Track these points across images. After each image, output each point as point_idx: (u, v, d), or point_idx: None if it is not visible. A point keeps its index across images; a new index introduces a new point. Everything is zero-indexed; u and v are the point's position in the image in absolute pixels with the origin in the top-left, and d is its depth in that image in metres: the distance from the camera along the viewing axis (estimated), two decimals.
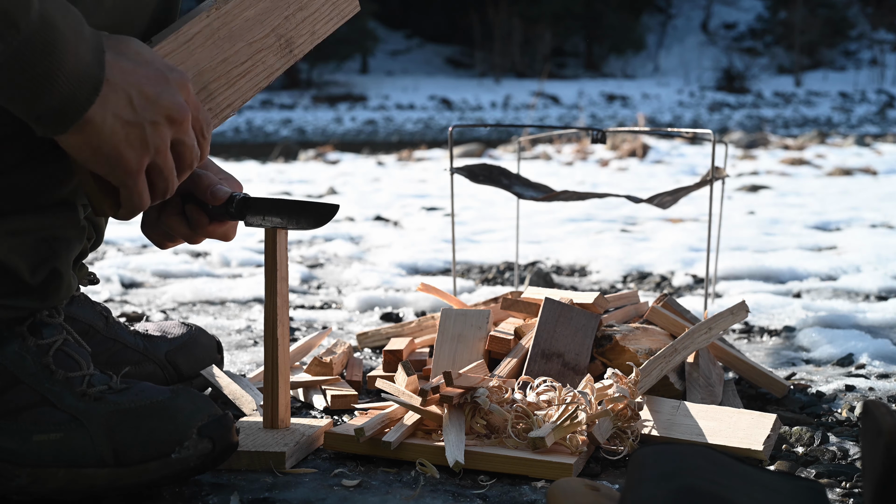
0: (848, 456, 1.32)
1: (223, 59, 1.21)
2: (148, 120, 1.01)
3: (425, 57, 41.46)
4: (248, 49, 1.25)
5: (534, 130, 10.87)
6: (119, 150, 1.00)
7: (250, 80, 1.26)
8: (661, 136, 9.59)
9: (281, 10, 1.29)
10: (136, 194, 1.05)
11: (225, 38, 1.21)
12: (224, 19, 1.21)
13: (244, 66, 1.24)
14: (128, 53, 1.02)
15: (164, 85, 1.03)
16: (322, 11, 1.35)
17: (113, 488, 1.11)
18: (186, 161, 1.09)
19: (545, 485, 1.20)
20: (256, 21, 1.25)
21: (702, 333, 1.52)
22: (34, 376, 1.13)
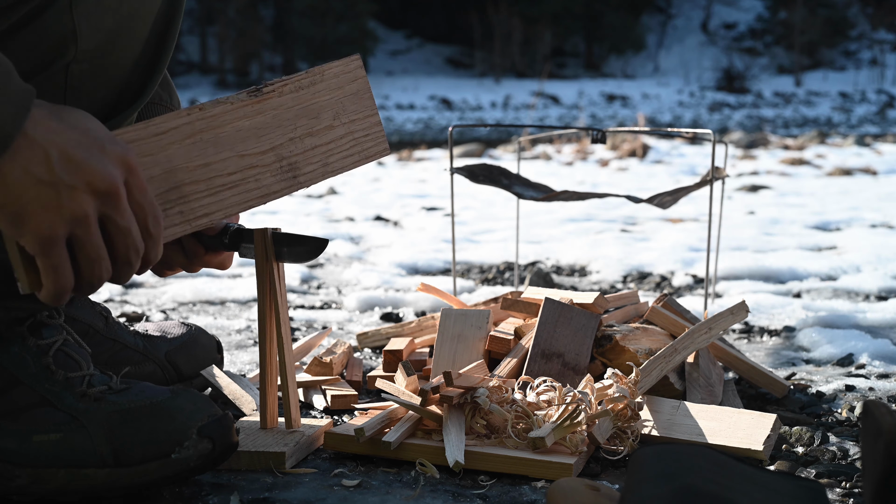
0: (848, 456, 1.32)
1: (204, 162, 1.14)
2: (65, 183, 0.92)
3: (425, 57, 41.45)
4: (238, 161, 1.17)
5: (534, 130, 10.88)
6: (28, 209, 0.92)
7: (239, 195, 1.18)
8: (661, 136, 9.59)
9: (285, 129, 1.22)
10: (53, 268, 0.95)
11: (209, 141, 1.15)
12: (209, 122, 1.15)
13: (231, 177, 1.17)
14: (64, 117, 0.95)
15: (95, 152, 0.95)
16: (339, 144, 1.28)
17: (113, 488, 1.11)
18: (119, 249, 0.99)
19: (545, 485, 1.20)
20: (251, 134, 1.19)
21: (702, 333, 1.52)
22: (34, 377, 1.13)
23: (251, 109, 1.19)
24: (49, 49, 1.05)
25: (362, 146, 1.30)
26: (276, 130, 1.21)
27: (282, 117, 1.22)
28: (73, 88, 1.08)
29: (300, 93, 1.24)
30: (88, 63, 1.08)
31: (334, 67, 1.30)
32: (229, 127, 1.17)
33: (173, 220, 1.12)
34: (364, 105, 1.31)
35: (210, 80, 35.78)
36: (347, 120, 1.29)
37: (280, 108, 1.22)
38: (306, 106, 1.25)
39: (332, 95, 1.28)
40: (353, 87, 1.31)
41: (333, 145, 1.27)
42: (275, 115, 1.21)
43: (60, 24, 1.04)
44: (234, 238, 1.30)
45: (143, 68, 1.16)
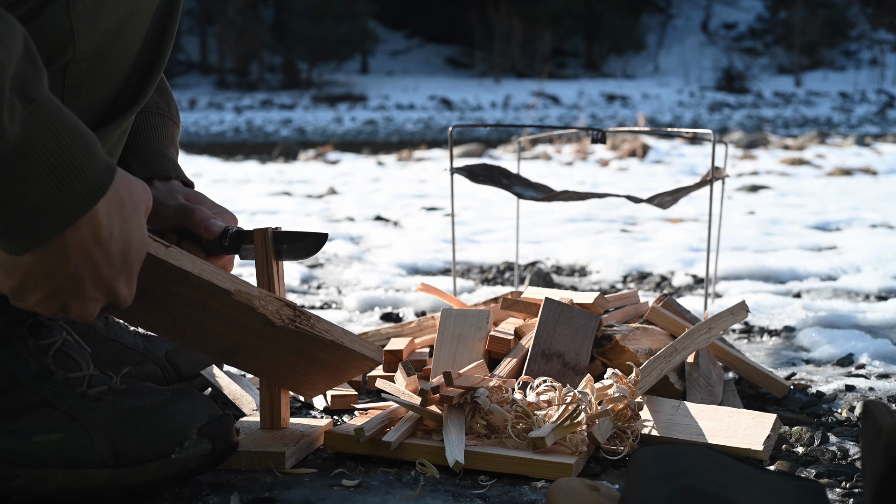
0: (848, 456, 1.32)
1: (187, 314, 1.17)
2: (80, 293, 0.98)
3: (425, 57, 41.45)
4: (208, 324, 1.19)
5: (534, 130, 10.88)
6: (81, 287, 0.97)
7: (176, 330, 1.21)
8: (661, 136, 9.59)
9: (270, 349, 1.23)
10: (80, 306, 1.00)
11: (211, 310, 1.16)
12: (227, 306, 1.15)
13: (188, 321, 1.19)
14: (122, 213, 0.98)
15: (119, 275, 1.00)
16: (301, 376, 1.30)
17: (113, 489, 1.11)
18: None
19: (545, 485, 1.20)
20: (244, 328, 1.20)
21: (702, 333, 1.52)
22: (34, 377, 1.13)
23: (263, 324, 1.19)
24: (47, 49, 1.05)
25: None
26: (263, 341, 1.22)
27: (279, 341, 1.23)
28: (71, 88, 1.08)
29: (314, 342, 1.25)
30: (87, 63, 1.08)
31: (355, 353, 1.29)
32: (238, 316, 1.18)
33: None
34: (339, 378, 1.34)
35: (210, 80, 35.79)
36: (316, 370, 1.32)
37: (286, 338, 1.23)
38: (307, 350, 1.26)
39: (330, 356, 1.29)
40: (351, 369, 1.33)
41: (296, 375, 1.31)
42: (274, 337, 1.22)
43: (58, 24, 1.04)
44: (234, 240, 1.31)
45: (142, 68, 1.16)
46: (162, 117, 1.42)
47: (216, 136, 20.14)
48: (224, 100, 30.67)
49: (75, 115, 1.10)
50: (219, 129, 22.40)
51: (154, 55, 1.17)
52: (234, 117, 25.56)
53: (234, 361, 1.29)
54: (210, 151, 11.33)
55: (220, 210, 1.37)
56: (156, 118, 1.41)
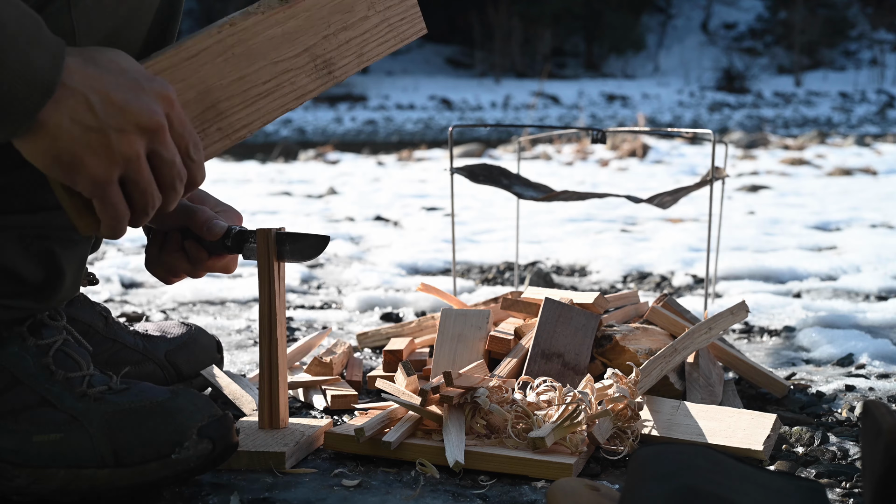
0: (848, 456, 1.32)
1: (239, 76, 1.12)
2: (113, 127, 0.95)
3: (425, 57, 41.46)
4: (272, 68, 1.15)
5: (534, 130, 10.88)
6: (80, 157, 0.95)
7: (275, 101, 1.16)
8: (661, 136, 9.59)
9: (318, 29, 1.18)
10: (111, 207, 0.99)
11: (241, 55, 1.12)
12: (240, 36, 1.12)
13: (266, 85, 1.14)
14: (99, 61, 0.97)
15: (136, 92, 0.97)
16: (374, 33, 1.23)
17: (113, 489, 1.11)
18: (165, 179, 1.02)
19: (545, 485, 1.20)
20: (284, 40, 1.15)
21: (702, 333, 1.52)
22: (34, 377, 1.13)
23: (283, 16, 1.15)
24: None
25: (398, 30, 1.26)
26: (309, 31, 1.17)
27: (314, 17, 1.18)
28: None
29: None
30: None
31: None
32: (261, 37, 1.14)
33: (213, 137, 1.12)
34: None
35: None
36: (383, 7, 1.25)
37: (312, 7, 1.18)
38: (340, 1, 1.20)
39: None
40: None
41: (368, 35, 1.23)
42: (307, 16, 1.17)
43: (59, 25, 1.04)
44: (237, 240, 1.31)
45: None
46: None
47: None
48: None
49: None
50: None
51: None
52: None
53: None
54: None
55: (224, 208, 1.38)
56: None
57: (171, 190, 1.03)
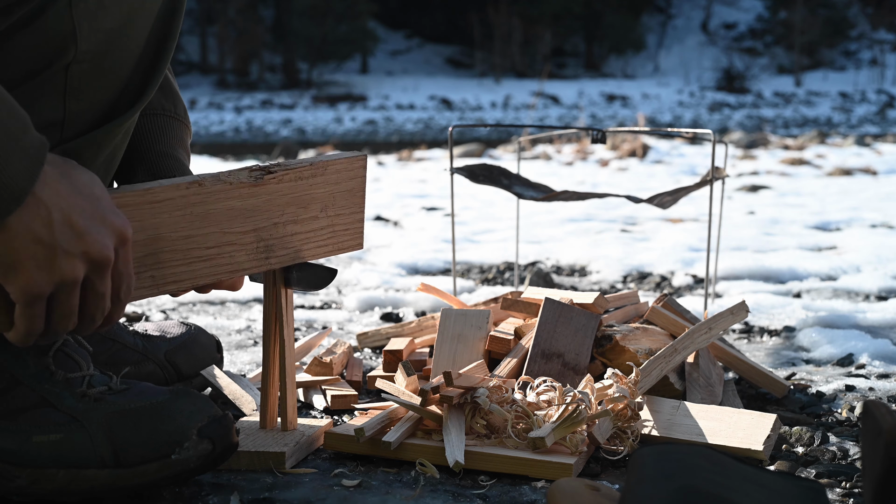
0: (848, 456, 1.32)
1: (188, 235, 1.14)
2: (63, 248, 0.96)
3: (425, 57, 41.46)
4: (219, 236, 1.18)
5: (534, 130, 10.88)
6: (22, 265, 0.95)
7: (210, 268, 1.18)
8: (661, 136, 9.59)
9: (272, 214, 1.22)
10: (29, 318, 0.98)
11: (198, 215, 1.15)
12: (205, 198, 1.15)
13: (208, 250, 1.17)
14: (73, 179, 0.98)
15: (97, 222, 0.98)
16: (318, 234, 1.28)
17: (113, 489, 1.10)
18: (89, 309, 1.02)
19: (545, 485, 1.20)
20: (239, 214, 1.19)
21: (702, 333, 1.52)
22: (34, 377, 1.13)
23: (247, 192, 1.19)
24: (49, 50, 1.05)
25: (339, 239, 1.31)
26: (264, 214, 1.22)
27: (273, 203, 1.22)
28: (72, 89, 1.08)
29: (298, 182, 1.25)
30: (88, 64, 1.08)
31: (338, 164, 1.29)
32: (221, 205, 1.17)
33: (144, 283, 1.13)
34: (354, 202, 1.32)
35: (210, 80, 35.79)
36: (333, 213, 1.30)
37: (275, 194, 1.22)
38: (299, 195, 1.25)
39: (327, 189, 1.28)
40: (350, 184, 1.31)
41: (312, 234, 1.28)
42: (268, 199, 1.22)
43: (60, 25, 1.04)
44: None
45: (144, 69, 1.16)
46: (168, 118, 1.42)
47: (216, 136, 20.15)
48: (224, 100, 30.69)
49: (77, 115, 1.10)
50: (219, 129, 22.41)
51: (156, 56, 1.17)
52: (234, 117, 25.57)
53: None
54: (210, 151, 11.33)
55: None
56: (161, 119, 1.42)
57: (90, 321, 1.03)
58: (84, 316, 1.03)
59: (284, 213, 1.24)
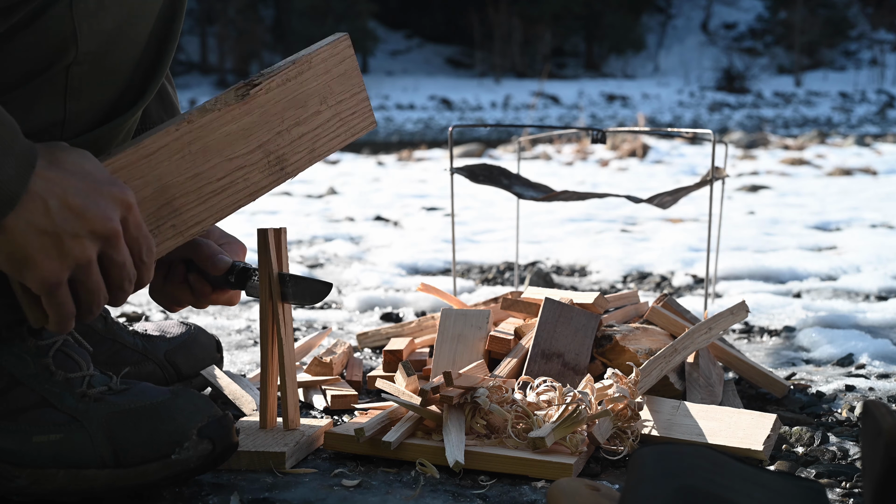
0: (848, 456, 1.32)
1: (194, 174, 1.13)
2: (68, 232, 0.97)
3: (425, 57, 41.47)
4: (226, 164, 1.16)
5: (534, 130, 10.88)
6: (32, 257, 0.96)
7: (228, 198, 1.17)
8: (661, 136, 9.59)
9: (272, 125, 1.19)
10: (57, 306, 1.00)
11: (198, 152, 1.14)
12: (197, 133, 1.14)
13: (220, 182, 1.16)
14: (63, 162, 0.98)
15: (95, 197, 0.99)
16: (326, 127, 1.25)
17: (113, 489, 1.11)
18: (115, 280, 1.03)
19: (545, 485, 1.20)
20: (239, 136, 1.17)
21: (702, 333, 1.52)
22: (34, 377, 1.13)
23: (239, 111, 1.17)
24: (49, 50, 1.05)
25: (349, 125, 1.27)
26: (264, 127, 1.19)
27: (269, 113, 1.20)
28: (73, 90, 1.08)
29: (288, 85, 1.21)
30: (89, 65, 1.08)
31: (322, 52, 1.24)
32: (217, 134, 1.16)
33: (166, 234, 1.13)
34: (352, 84, 1.27)
35: (210, 80, 35.79)
36: (335, 102, 1.26)
37: (267, 104, 1.19)
38: (294, 97, 1.22)
39: (319, 81, 1.24)
40: (341, 67, 1.26)
41: (321, 129, 1.24)
42: (262, 112, 1.19)
43: (61, 26, 1.04)
44: (241, 277, 1.32)
45: (145, 70, 1.16)
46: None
47: None
48: None
49: (78, 115, 1.10)
50: None
51: (157, 57, 1.17)
52: None
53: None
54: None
55: (229, 240, 1.39)
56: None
57: (120, 290, 1.05)
58: (113, 287, 1.04)
59: (285, 120, 1.21)
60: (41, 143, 1.00)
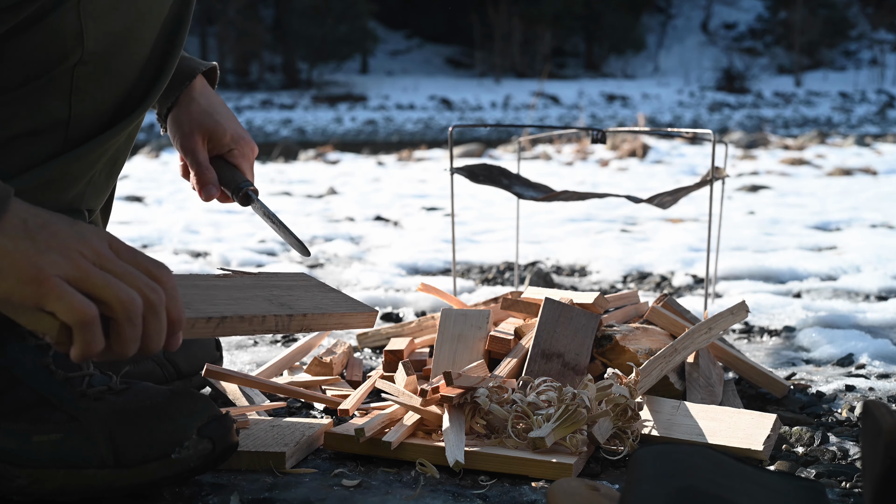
0: (848, 456, 1.32)
1: (193, 284, 1.23)
2: (43, 239, 0.91)
3: (425, 57, 41.46)
4: (228, 294, 1.24)
5: (534, 130, 10.87)
6: (21, 261, 0.89)
7: (234, 306, 1.20)
8: (661, 136, 9.59)
9: (264, 295, 1.28)
10: (58, 300, 0.90)
11: (189, 286, 1.21)
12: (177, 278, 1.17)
13: (227, 301, 1.21)
14: (41, 211, 0.93)
15: (76, 226, 0.94)
16: (322, 302, 1.33)
17: (113, 489, 1.10)
18: (131, 286, 0.94)
19: (545, 485, 1.20)
20: (230, 287, 1.27)
21: (702, 333, 1.52)
22: (34, 376, 1.13)
23: (218, 279, 1.28)
24: (55, 50, 1.05)
25: (346, 305, 1.34)
26: (254, 289, 1.28)
27: (250, 286, 1.29)
28: (78, 90, 1.08)
29: (258, 279, 1.33)
30: (95, 65, 1.08)
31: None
32: (204, 283, 1.25)
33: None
34: (330, 290, 1.40)
35: None
36: (320, 292, 1.36)
37: (247, 282, 1.31)
38: (273, 284, 1.33)
39: (294, 282, 1.38)
40: (312, 283, 1.40)
41: (317, 300, 1.33)
42: (244, 284, 1.30)
43: (67, 25, 1.04)
44: (244, 200, 1.45)
45: (150, 74, 1.16)
46: None
47: None
48: (224, 100, 30.59)
49: (82, 116, 1.10)
50: None
51: (163, 61, 1.17)
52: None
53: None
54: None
55: (239, 139, 1.47)
56: None
57: (149, 305, 0.95)
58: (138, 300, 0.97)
59: (272, 294, 1.30)
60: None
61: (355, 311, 1.33)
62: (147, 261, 0.98)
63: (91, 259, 0.93)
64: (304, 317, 1.25)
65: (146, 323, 0.96)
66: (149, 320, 0.96)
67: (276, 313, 1.22)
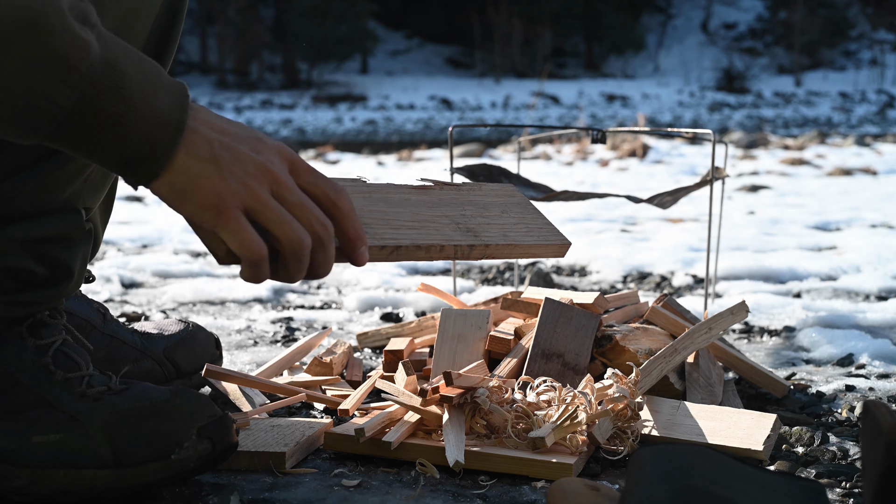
0: (848, 456, 1.32)
1: (381, 210, 1.14)
2: (225, 160, 0.93)
3: (425, 57, 41.47)
4: (414, 214, 1.18)
5: (534, 130, 10.87)
6: (193, 184, 0.92)
7: (422, 235, 1.15)
8: (661, 136, 9.59)
9: (453, 208, 1.22)
10: (233, 233, 0.93)
11: (380, 200, 1.15)
12: (376, 188, 1.17)
13: (410, 222, 1.16)
14: (220, 117, 0.97)
15: (256, 146, 0.96)
16: (514, 227, 1.27)
17: (112, 489, 1.10)
18: (303, 224, 0.96)
19: (545, 485, 1.20)
20: (422, 203, 1.20)
21: (702, 333, 1.52)
22: (33, 377, 1.13)
23: (415, 191, 1.21)
24: None
25: (540, 233, 1.29)
26: (446, 207, 1.22)
27: (447, 201, 1.24)
28: None
29: (460, 191, 1.27)
30: None
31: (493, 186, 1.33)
32: (397, 196, 1.19)
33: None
34: (531, 211, 1.33)
35: (210, 80, 35.79)
36: (517, 214, 1.30)
37: (444, 196, 1.24)
38: (470, 199, 1.26)
39: (495, 199, 1.30)
40: (515, 199, 1.33)
41: (509, 227, 1.26)
42: (440, 198, 1.23)
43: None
44: None
45: None
46: None
47: None
48: (224, 100, 30.68)
49: None
50: None
51: (157, 58, 1.17)
52: (234, 117, 25.49)
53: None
54: None
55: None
56: None
57: (317, 239, 0.97)
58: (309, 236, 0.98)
59: (465, 211, 1.24)
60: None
61: (546, 242, 1.27)
62: (326, 184, 0.99)
63: (269, 187, 0.95)
64: (486, 247, 1.19)
65: (313, 255, 0.98)
66: (316, 253, 0.98)
67: (456, 242, 1.17)
